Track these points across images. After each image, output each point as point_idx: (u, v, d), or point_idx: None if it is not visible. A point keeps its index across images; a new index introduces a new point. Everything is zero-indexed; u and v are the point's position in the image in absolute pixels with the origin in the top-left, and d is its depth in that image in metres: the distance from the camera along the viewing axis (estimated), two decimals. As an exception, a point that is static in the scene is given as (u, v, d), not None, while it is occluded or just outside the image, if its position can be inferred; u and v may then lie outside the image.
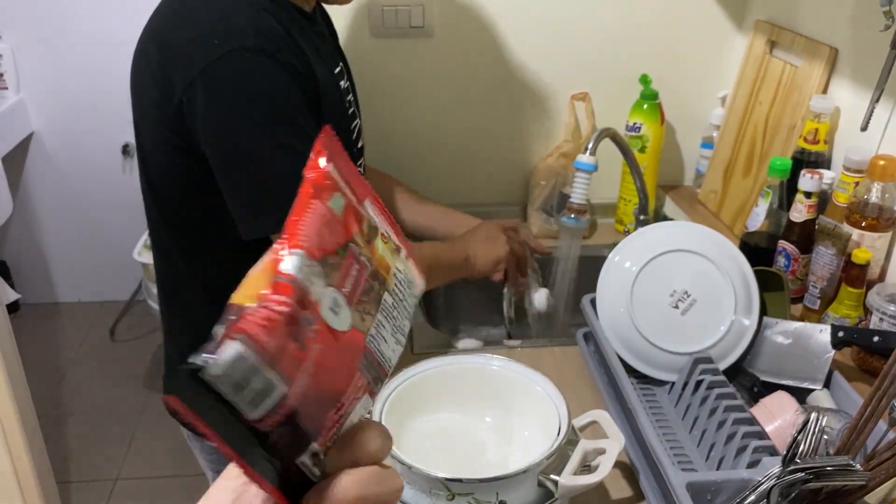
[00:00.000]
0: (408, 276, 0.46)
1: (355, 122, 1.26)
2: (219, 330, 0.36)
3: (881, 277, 1.26)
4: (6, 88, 2.49)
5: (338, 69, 1.21)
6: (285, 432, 0.38)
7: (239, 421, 0.37)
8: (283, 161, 1.00)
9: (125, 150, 2.66)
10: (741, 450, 0.91)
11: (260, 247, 0.39)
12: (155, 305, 2.23)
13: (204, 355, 0.35)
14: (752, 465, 0.88)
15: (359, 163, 1.29)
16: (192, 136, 1.03)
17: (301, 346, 0.38)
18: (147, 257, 2.20)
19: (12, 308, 2.74)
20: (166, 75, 1.02)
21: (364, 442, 0.41)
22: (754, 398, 1.06)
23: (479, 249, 1.36)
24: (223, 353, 0.35)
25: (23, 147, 2.62)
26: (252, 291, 0.38)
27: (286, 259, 0.39)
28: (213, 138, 1.02)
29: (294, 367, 0.37)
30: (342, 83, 1.21)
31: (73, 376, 2.63)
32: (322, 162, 0.41)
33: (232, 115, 1.01)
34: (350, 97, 1.26)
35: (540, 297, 1.46)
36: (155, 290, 2.17)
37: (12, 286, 2.71)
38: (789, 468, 0.77)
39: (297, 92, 1.03)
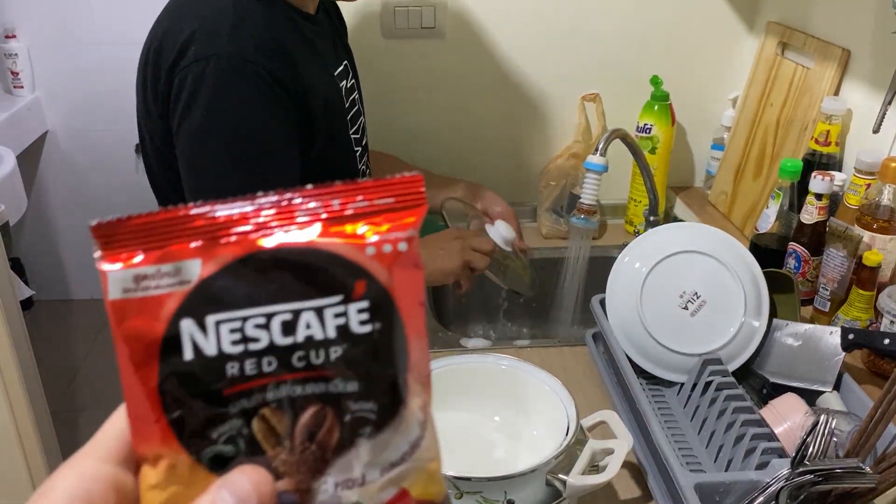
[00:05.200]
0: None
1: (359, 121, 1.27)
2: None
3: (892, 280, 1.25)
4: (21, 87, 2.51)
5: (340, 69, 1.22)
6: None
7: None
8: (229, 179, 1.01)
9: (138, 149, 2.68)
10: (750, 451, 0.91)
11: None
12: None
13: None
14: (761, 466, 0.88)
15: (363, 161, 1.29)
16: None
17: None
18: (159, 255, 2.21)
19: (26, 305, 2.76)
20: (157, 77, 1.06)
21: None
22: (763, 400, 1.06)
23: (429, 259, 1.27)
24: None
25: (38, 145, 2.64)
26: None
27: None
28: (179, 144, 1.05)
29: None
30: (345, 82, 1.22)
31: (85, 372, 2.64)
32: None
33: (195, 125, 1.02)
34: (355, 95, 1.26)
35: (498, 232, 1.38)
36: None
37: (26, 283, 2.73)
38: (798, 470, 0.77)
39: (268, 101, 1.02)
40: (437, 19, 1.66)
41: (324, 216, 0.31)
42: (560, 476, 0.83)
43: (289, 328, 0.30)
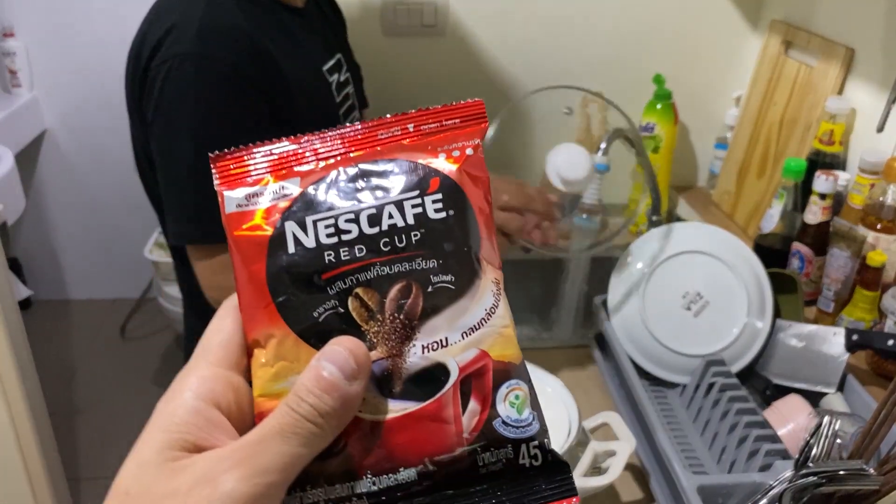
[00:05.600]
0: None
1: (353, 115, 1.26)
2: None
3: (896, 280, 1.24)
4: (20, 86, 2.50)
5: (331, 63, 1.21)
6: None
7: None
8: (188, 174, 1.01)
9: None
10: (753, 453, 0.90)
11: None
12: (166, 304, 2.23)
13: None
14: (764, 468, 0.87)
15: None
16: None
17: None
18: (158, 255, 2.21)
19: (24, 305, 2.75)
20: (135, 76, 1.07)
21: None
22: (767, 401, 1.06)
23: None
24: None
25: (36, 144, 2.63)
26: None
27: None
28: (151, 141, 1.06)
29: None
30: (335, 76, 1.21)
31: (83, 373, 2.64)
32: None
33: (161, 122, 1.03)
34: (349, 90, 1.25)
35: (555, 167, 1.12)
36: (166, 289, 2.18)
37: (24, 283, 2.72)
38: (801, 472, 0.76)
39: (231, 99, 1.02)
40: (438, 17, 1.65)
41: (400, 136, 0.38)
42: (561, 478, 0.82)
43: (374, 220, 0.36)
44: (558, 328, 1.46)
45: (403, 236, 0.36)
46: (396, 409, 0.34)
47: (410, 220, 0.36)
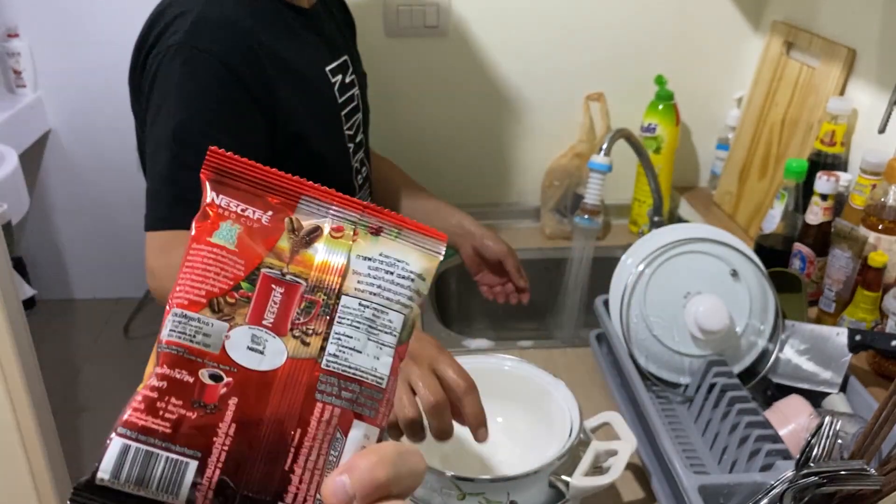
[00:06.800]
0: (393, 257, 0.39)
1: (356, 117, 1.26)
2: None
3: (898, 281, 1.25)
4: (24, 86, 2.51)
5: (337, 63, 1.22)
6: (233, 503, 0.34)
7: None
8: (165, 166, 1.01)
9: (141, 147, 2.67)
10: (754, 453, 0.90)
11: None
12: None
13: (96, 464, 0.34)
14: (766, 468, 0.87)
15: (357, 157, 1.29)
16: None
17: (209, 409, 0.35)
18: (162, 255, 2.21)
19: (28, 304, 2.76)
20: (134, 73, 1.10)
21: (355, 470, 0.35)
22: (768, 401, 1.06)
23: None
24: (108, 454, 0.34)
25: (40, 144, 2.64)
26: (148, 371, 0.36)
27: (165, 322, 0.36)
28: (145, 131, 1.08)
29: (204, 435, 0.34)
30: (342, 77, 1.22)
31: (87, 372, 2.64)
32: (208, 196, 0.39)
33: (151, 111, 1.04)
34: (354, 91, 1.25)
35: None
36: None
37: (29, 282, 2.73)
38: (803, 472, 0.76)
39: (219, 91, 1.02)
40: (440, 18, 1.65)
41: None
42: (563, 477, 0.83)
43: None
44: (560, 328, 1.46)
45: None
46: None
47: None
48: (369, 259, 0.39)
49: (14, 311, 1.54)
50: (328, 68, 1.19)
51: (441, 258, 0.40)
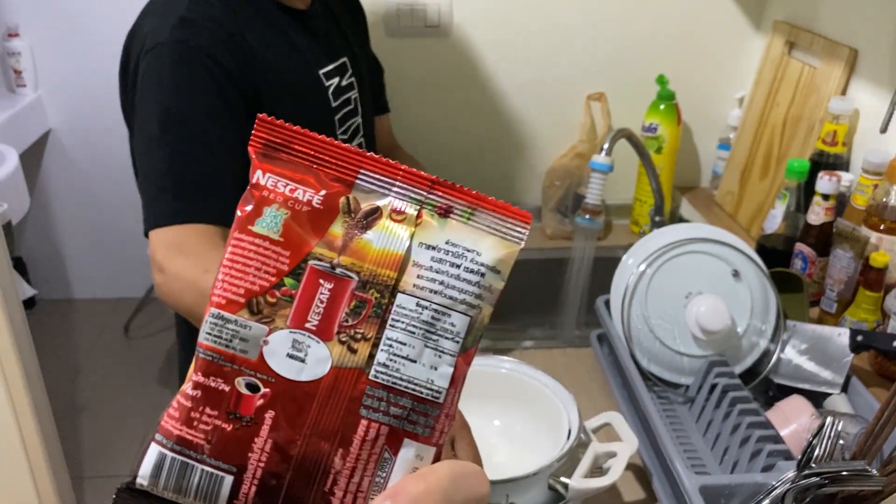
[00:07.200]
0: (462, 245, 0.34)
1: (352, 121, 1.25)
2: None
3: (900, 281, 1.24)
4: (24, 86, 2.51)
5: (332, 66, 1.20)
6: None
7: None
8: (161, 160, 1.00)
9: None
10: (755, 454, 0.90)
11: None
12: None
13: (137, 467, 0.33)
14: (767, 469, 0.87)
15: None
16: None
17: (245, 422, 0.32)
18: (162, 255, 2.21)
19: (28, 304, 2.76)
20: (124, 76, 1.11)
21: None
22: (770, 402, 1.05)
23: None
24: (146, 460, 0.32)
25: (40, 144, 2.64)
26: (189, 373, 0.34)
27: (202, 325, 0.33)
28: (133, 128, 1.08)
29: (240, 449, 0.32)
30: (337, 80, 1.20)
31: (87, 372, 2.64)
32: (254, 175, 0.34)
33: (139, 108, 1.04)
34: (351, 94, 1.24)
35: None
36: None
37: (29, 282, 2.73)
38: (804, 472, 0.76)
39: (205, 85, 1.01)
40: (441, 18, 1.65)
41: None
42: (562, 479, 0.83)
43: None
44: (561, 328, 1.46)
45: None
46: None
47: None
48: (433, 248, 0.33)
49: (14, 311, 1.53)
50: (322, 71, 1.18)
51: (523, 245, 0.34)
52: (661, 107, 1.63)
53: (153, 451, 0.32)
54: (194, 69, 1.01)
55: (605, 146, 1.34)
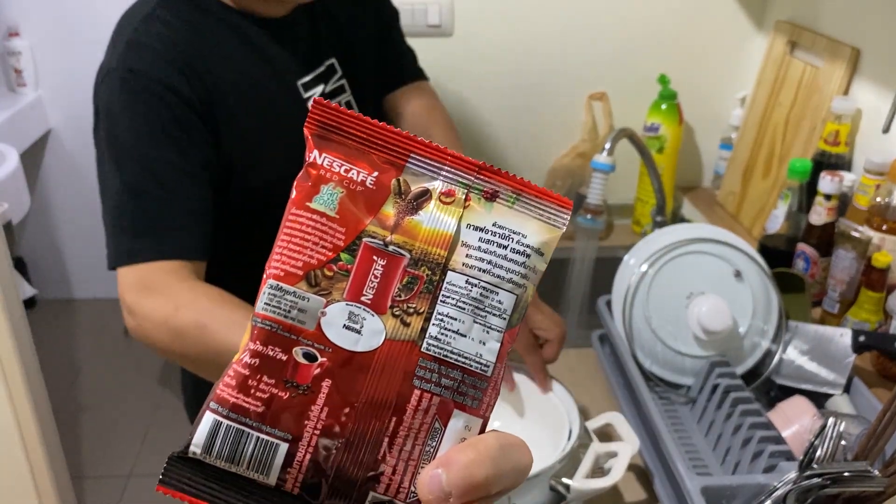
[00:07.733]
0: (509, 228, 0.35)
1: None
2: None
3: (902, 281, 1.24)
4: (24, 85, 2.51)
5: (312, 76, 1.12)
6: (323, 487, 0.33)
7: (264, 489, 0.33)
8: (116, 194, 0.97)
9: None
10: (757, 454, 0.90)
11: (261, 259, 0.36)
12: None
13: (189, 435, 0.33)
14: (769, 469, 0.87)
15: None
16: None
17: (301, 390, 0.33)
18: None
19: (29, 304, 2.76)
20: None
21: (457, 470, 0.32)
22: (771, 402, 1.05)
23: None
24: (200, 428, 0.33)
25: (40, 144, 2.64)
26: (242, 343, 0.34)
27: (260, 294, 0.34)
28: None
29: (296, 417, 0.33)
30: (320, 88, 1.13)
31: (88, 372, 2.64)
32: (310, 154, 0.35)
33: (95, 141, 1.02)
34: (342, 98, 1.18)
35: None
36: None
37: (29, 282, 2.73)
38: (806, 473, 0.76)
39: (151, 110, 0.97)
40: (443, 17, 1.65)
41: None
42: (563, 480, 0.82)
43: None
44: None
45: None
46: None
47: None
48: (481, 230, 0.35)
49: (14, 310, 1.53)
50: (301, 82, 1.11)
51: (564, 230, 0.36)
52: (663, 106, 1.63)
53: (208, 418, 0.33)
54: (142, 97, 0.97)
55: (607, 146, 1.34)
